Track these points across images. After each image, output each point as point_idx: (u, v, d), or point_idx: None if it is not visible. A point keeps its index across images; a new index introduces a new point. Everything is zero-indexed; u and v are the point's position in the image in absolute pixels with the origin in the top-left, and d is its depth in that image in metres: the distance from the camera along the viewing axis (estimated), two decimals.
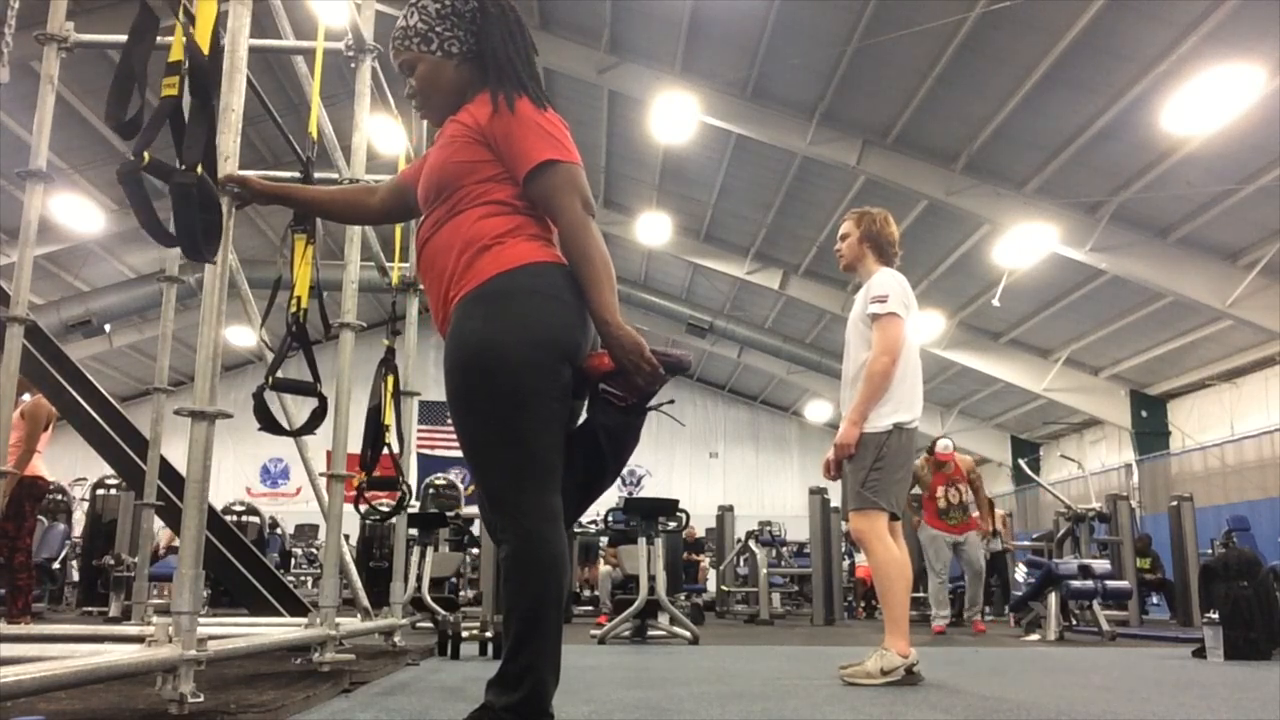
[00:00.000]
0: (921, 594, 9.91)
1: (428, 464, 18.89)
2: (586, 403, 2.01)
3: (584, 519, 11.87)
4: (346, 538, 6.41)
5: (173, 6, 2.31)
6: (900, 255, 4.02)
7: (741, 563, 11.97)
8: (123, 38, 2.36)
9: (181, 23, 2.29)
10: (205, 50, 2.33)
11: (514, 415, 1.84)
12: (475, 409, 1.87)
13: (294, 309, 3.07)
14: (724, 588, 11.50)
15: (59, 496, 10.53)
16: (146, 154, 2.16)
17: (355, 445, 3.87)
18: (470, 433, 1.90)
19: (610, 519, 9.53)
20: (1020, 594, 8.10)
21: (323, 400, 3.09)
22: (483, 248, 1.91)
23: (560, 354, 1.88)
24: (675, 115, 11.64)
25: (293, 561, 13.67)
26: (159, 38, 2.42)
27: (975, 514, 8.22)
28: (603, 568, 9.86)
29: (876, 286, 3.82)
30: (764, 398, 23.38)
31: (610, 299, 1.87)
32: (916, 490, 8.11)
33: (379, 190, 2.33)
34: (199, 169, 2.22)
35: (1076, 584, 7.27)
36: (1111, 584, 7.60)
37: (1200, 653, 5.20)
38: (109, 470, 8.03)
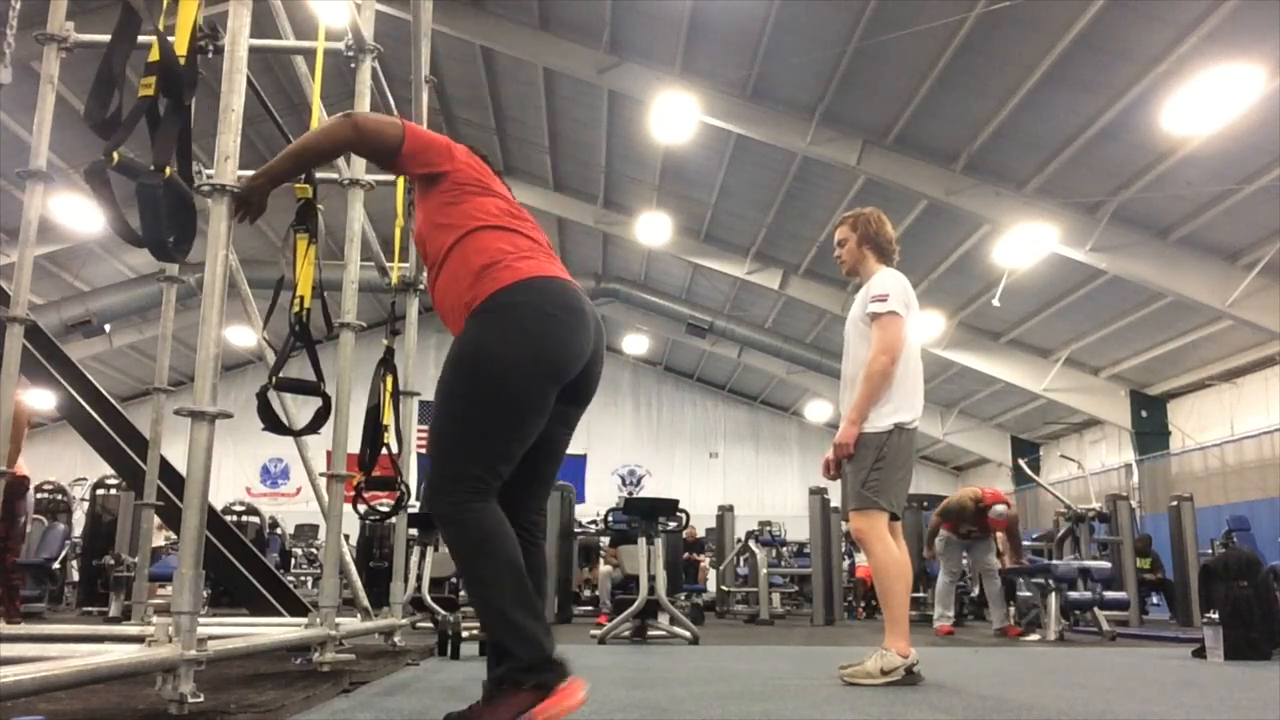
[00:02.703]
0: (922, 594, 9.91)
1: (427, 464, 18.86)
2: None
3: (584, 519, 11.87)
4: (346, 538, 6.41)
5: (151, 9, 2.31)
6: (899, 252, 4.02)
7: (741, 563, 11.97)
8: None
9: (159, 30, 2.29)
10: (182, 51, 2.32)
11: (487, 408, 2.06)
12: (454, 395, 2.08)
13: (297, 309, 3.07)
14: (724, 588, 11.49)
15: (59, 496, 10.54)
16: (116, 154, 2.16)
17: (355, 445, 3.86)
18: (440, 416, 2.10)
19: (610, 519, 9.53)
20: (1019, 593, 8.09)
21: (326, 400, 3.09)
22: (483, 267, 2.12)
23: (550, 371, 2.09)
24: (675, 115, 11.63)
25: (293, 561, 13.67)
26: (141, 38, 2.41)
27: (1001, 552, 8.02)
28: (603, 568, 9.85)
29: (876, 286, 3.81)
30: (764, 398, 23.38)
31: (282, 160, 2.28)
32: (935, 519, 7.90)
33: None
34: (168, 170, 2.21)
35: (1075, 595, 7.28)
36: (1110, 595, 7.63)
37: (1200, 653, 5.20)
38: (109, 470, 8.03)
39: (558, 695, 1.92)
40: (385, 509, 4.90)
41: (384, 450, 4.23)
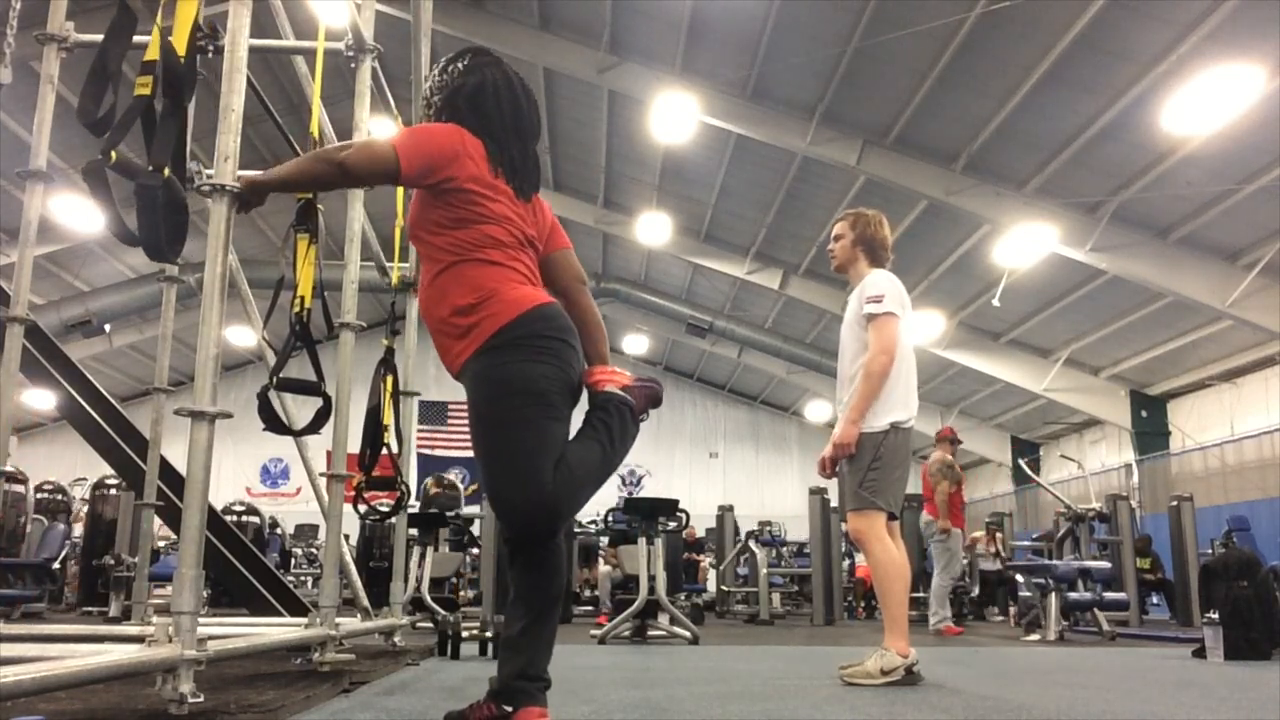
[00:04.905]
0: (922, 594, 9.91)
1: (427, 464, 18.90)
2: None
3: (584, 519, 11.87)
4: (346, 538, 6.41)
5: (149, 7, 2.31)
6: (892, 259, 4.03)
7: (741, 563, 11.98)
8: None
9: (159, 29, 2.29)
10: (181, 51, 2.32)
11: (537, 420, 2.12)
12: (487, 427, 2.14)
13: (297, 309, 3.07)
14: (724, 588, 11.50)
15: (59, 496, 10.54)
16: (114, 153, 2.16)
17: (356, 445, 3.86)
18: (491, 444, 2.16)
19: (610, 519, 9.53)
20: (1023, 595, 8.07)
21: (327, 400, 3.09)
22: (472, 306, 2.14)
23: (572, 390, 2.19)
24: (675, 115, 11.63)
25: (293, 561, 13.68)
26: (137, 37, 2.41)
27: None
28: (603, 568, 9.86)
29: (871, 287, 3.82)
30: (764, 398, 23.38)
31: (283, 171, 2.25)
32: (945, 486, 7.95)
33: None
34: (166, 171, 2.21)
35: (1075, 595, 7.29)
36: (1110, 595, 7.64)
37: (1200, 653, 5.20)
38: (109, 470, 8.03)
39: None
40: (385, 509, 4.91)
41: (384, 450, 4.23)
